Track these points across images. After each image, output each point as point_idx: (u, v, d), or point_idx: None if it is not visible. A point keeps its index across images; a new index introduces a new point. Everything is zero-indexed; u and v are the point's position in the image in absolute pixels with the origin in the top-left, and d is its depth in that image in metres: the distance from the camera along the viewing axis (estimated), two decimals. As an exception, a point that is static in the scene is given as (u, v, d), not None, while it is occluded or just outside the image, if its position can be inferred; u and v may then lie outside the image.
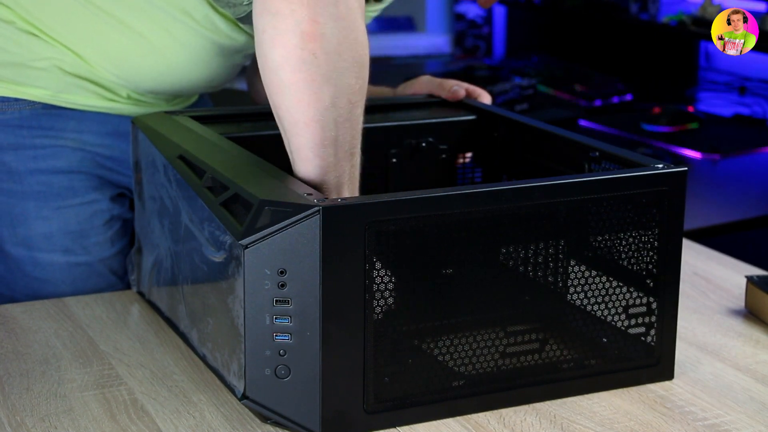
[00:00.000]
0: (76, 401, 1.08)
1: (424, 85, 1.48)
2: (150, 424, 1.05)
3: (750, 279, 1.32)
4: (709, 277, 1.43)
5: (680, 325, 1.25)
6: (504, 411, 1.08)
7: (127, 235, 1.45)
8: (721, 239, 1.99)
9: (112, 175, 1.42)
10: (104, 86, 1.37)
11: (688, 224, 2.01)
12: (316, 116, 1.04)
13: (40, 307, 1.31)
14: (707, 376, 1.17)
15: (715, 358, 1.21)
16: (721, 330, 1.28)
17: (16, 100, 1.36)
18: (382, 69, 3.38)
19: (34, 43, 1.34)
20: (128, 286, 1.42)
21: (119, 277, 1.43)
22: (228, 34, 1.33)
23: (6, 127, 1.36)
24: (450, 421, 1.06)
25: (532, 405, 1.09)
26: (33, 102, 1.36)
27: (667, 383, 1.14)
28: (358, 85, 1.06)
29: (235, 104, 1.54)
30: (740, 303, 1.35)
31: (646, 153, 2.39)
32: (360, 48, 1.05)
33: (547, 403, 1.10)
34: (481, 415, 1.07)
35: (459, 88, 1.44)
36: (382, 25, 3.49)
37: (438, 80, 1.47)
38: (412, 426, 1.04)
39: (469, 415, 1.07)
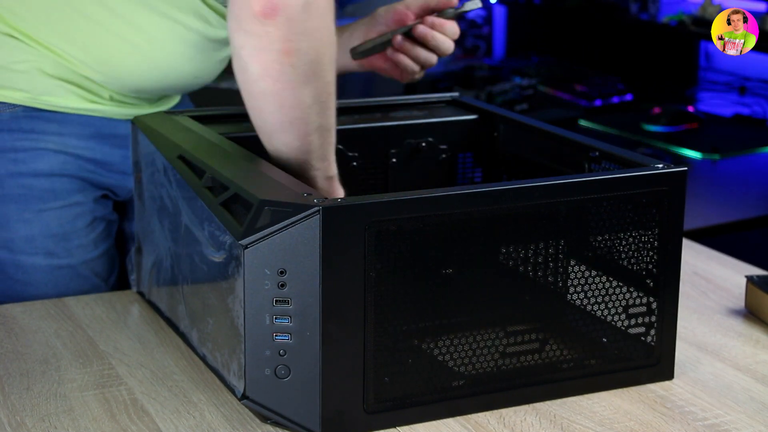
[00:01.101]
0: (76, 401, 1.08)
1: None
2: (150, 424, 1.05)
3: (750, 279, 1.32)
4: (709, 277, 1.43)
5: (680, 325, 1.25)
6: (504, 411, 1.08)
7: (111, 237, 1.44)
8: (721, 239, 1.99)
9: (94, 177, 1.41)
10: (86, 88, 1.36)
11: (688, 224, 2.00)
12: (300, 114, 1.09)
13: (40, 307, 1.31)
14: (707, 376, 1.16)
15: (715, 358, 1.21)
16: (721, 330, 1.28)
17: None
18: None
19: (13, 45, 1.33)
20: (112, 289, 1.42)
21: (103, 279, 1.43)
22: (216, 25, 1.33)
23: None
24: (450, 421, 1.06)
25: (532, 405, 1.09)
26: (13, 105, 1.35)
27: (667, 383, 1.14)
28: (332, 77, 1.11)
29: (234, 104, 1.54)
30: (740, 303, 1.35)
31: (646, 153, 2.39)
32: (333, 47, 1.09)
33: (547, 402, 1.10)
34: (481, 414, 1.07)
35: None
36: (382, 25, 3.48)
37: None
38: (412, 426, 1.05)
39: (469, 415, 1.07)
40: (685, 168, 1.12)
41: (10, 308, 1.30)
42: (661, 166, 1.12)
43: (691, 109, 2.67)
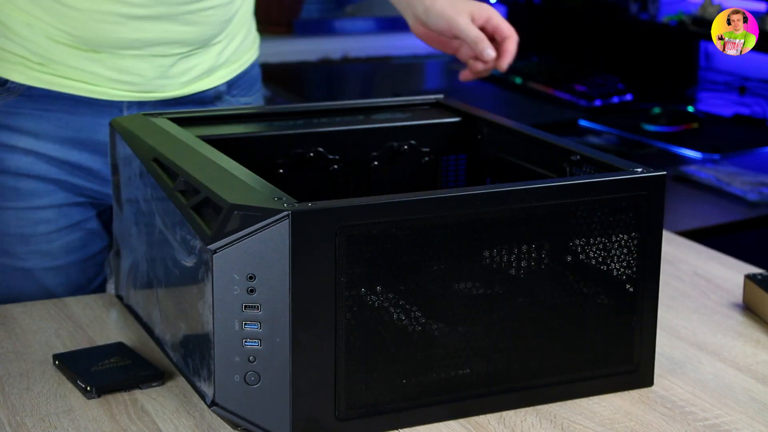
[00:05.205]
0: (76, 401, 1.08)
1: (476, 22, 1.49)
2: (150, 423, 1.04)
3: (749, 277, 1.31)
4: (709, 277, 1.43)
5: (680, 325, 1.26)
6: (504, 411, 1.07)
7: (90, 247, 1.42)
8: (721, 239, 1.97)
9: (73, 181, 1.39)
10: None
11: (688, 224, 1.99)
12: None
13: (40, 307, 1.31)
14: (707, 376, 1.16)
15: (716, 358, 1.20)
16: (721, 330, 1.28)
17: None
18: (383, 69, 3.36)
19: None
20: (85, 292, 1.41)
21: (67, 287, 1.40)
22: None
23: None
24: (451, 422, 1.05)
25: (533, 405, 1.08)
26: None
27: (667, 383, 1.14)
28: None
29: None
30: (740, 303, 1.34)
31: (647, 153, 2.37)
32: None
33: (548, 403, 1.09)
34: (481, 415, 1.06)
35: (491, 51, 1.47)
36: (382, 25, 3.47)
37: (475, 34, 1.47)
38: (413, 427, 1.04)
39: (469, 416, 1.06)
40: (664, 172, 1.10)
41: (10, 308, 1.30)
42: (640, 170, 1.10)
43: (691, 109, 2.65)
